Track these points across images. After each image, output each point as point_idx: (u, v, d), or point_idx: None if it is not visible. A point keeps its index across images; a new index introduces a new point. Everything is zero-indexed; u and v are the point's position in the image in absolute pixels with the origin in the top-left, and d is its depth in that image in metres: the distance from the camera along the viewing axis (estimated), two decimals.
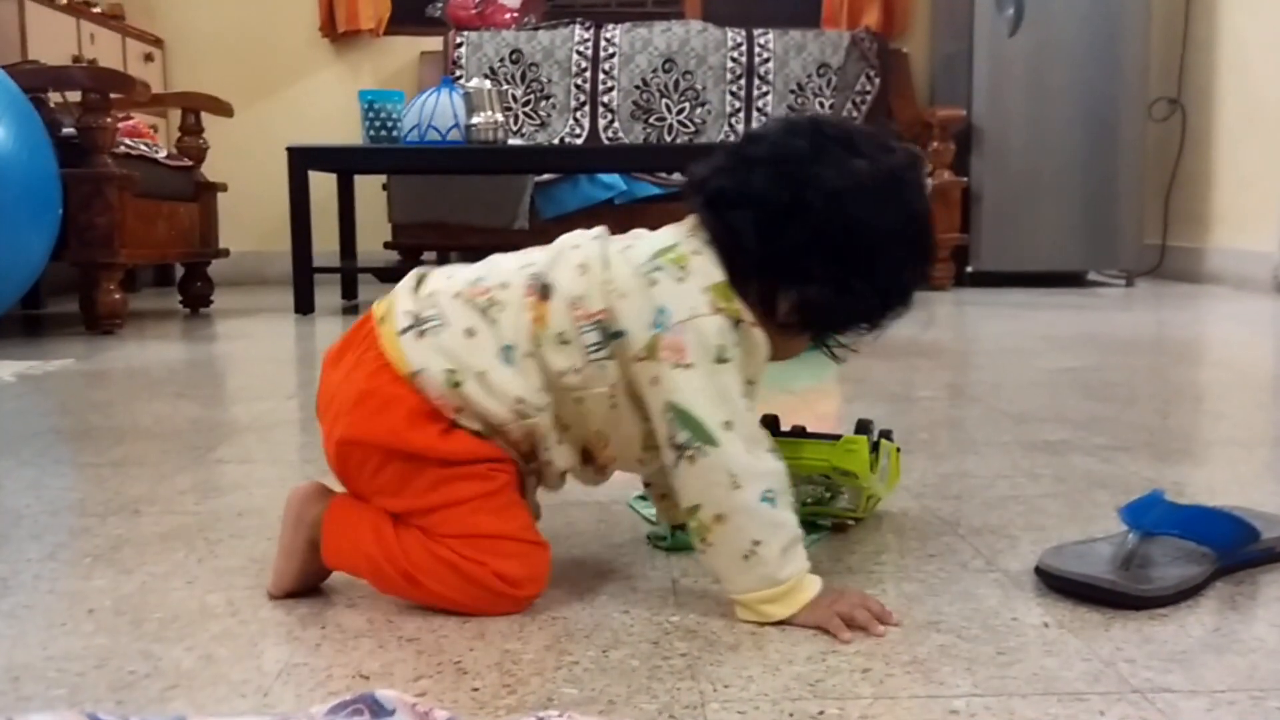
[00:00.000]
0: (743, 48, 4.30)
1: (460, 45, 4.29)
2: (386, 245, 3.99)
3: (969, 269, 4.03)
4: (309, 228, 3.16)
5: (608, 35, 4.32)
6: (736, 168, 0.87)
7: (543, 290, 0.85)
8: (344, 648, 0.79)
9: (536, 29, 4.35)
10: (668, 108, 4.28)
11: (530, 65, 4.27)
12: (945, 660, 0.76)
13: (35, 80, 2.74)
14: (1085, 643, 0.78)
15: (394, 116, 3.18)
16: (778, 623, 0.82)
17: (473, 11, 4.37)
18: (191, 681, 0.74)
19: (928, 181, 3.87)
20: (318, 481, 0.92)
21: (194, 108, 3.49)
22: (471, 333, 0.85)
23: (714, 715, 0.68)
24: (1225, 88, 3.98)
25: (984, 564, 0.96)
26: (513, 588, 0.84)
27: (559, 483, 0.93)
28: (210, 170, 3.51)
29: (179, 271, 3.47)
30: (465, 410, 0.84)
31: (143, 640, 0.81)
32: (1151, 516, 0.90)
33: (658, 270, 0.84)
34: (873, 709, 0.69)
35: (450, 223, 3.85)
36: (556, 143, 4.15)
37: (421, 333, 0.85)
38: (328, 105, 4.37)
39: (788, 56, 4.29)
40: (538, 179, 3.78)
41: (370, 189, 3.95)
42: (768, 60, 4.29)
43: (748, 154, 0.87)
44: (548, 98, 4.27)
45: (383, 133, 3.18)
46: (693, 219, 0.89)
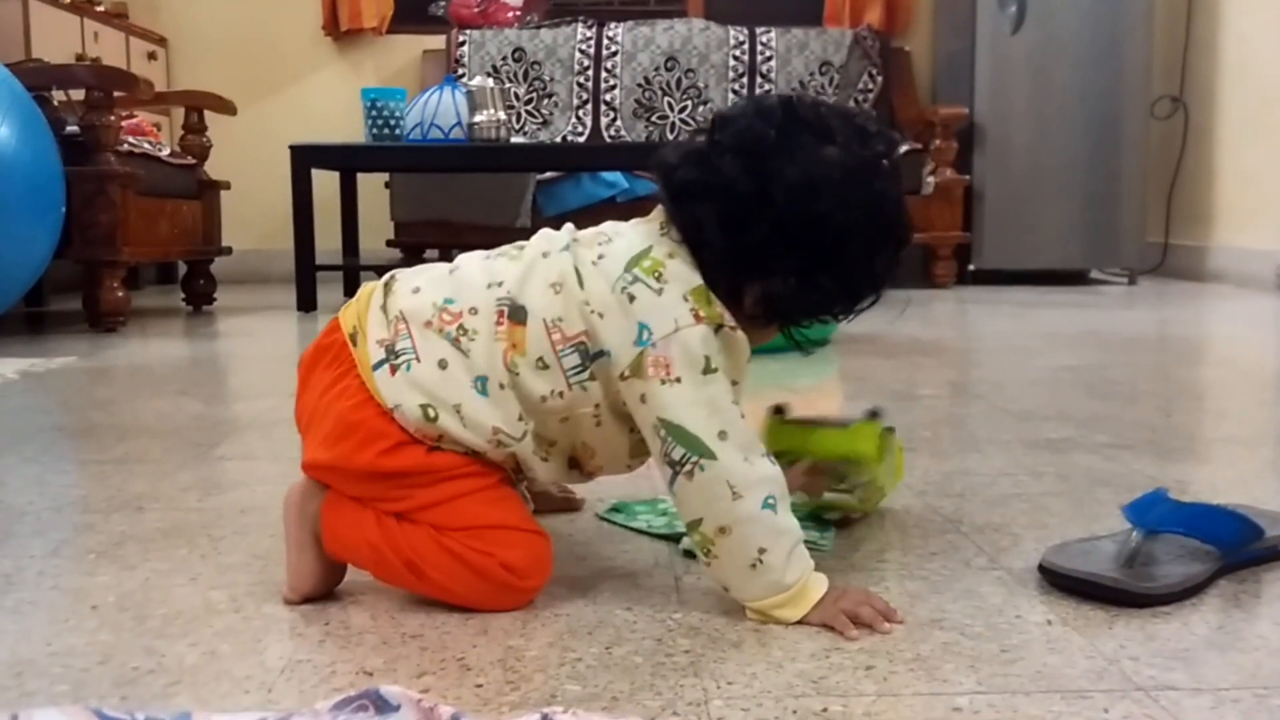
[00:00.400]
0: (745, 46, 4.30)
1: (463, 44, 4.29)
2: (389, 243, 3.99)
3: (971, 267, 4.03)
4: (311, 226, 3.17)
5: (610, 33, 4.32)
6: (703, 156, 0.84)
7: (515, 314, 0.84)
8: (347, 644, 0.79)
9: (539, 27, 4.35)
10: (670, 106, 4.28)
11: (533, 63, 4.27)
12: (948, 658, 0.76)
13: (39, 78, 2.74)
14: (1089, 640, 0.78)
15: (396, 115, 3.18)
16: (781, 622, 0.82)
17: (475, 10, 4.37)
18: (195, 677, 0.74)
19: (924, 171, 3.89)
20: None
21: (197, 106, 3.49)
22: (444, 364, 0.83)
23: (717, 712, 0.68)
24: (1228, 86, 3.98)
25: (987, 562, 0.96)
26: (519, 578, 0.84)
27: (544, 485, 0.93)
28: (213, 168, 3.52)
29: (182, 269, 3.48)
30: (445, 439, 0.84)
31: (146, 636, 0.81)
32: (1155, 514, 0.90)
33: (635, 283, 0.82)
34: (876, 706, 0.69)
35: (452, 221, 3.86)
36: (559, 141, 4.15)
37: (394, 368, 0.84)
38: (330, 103, 4.37)
39: (790, 55, 4.28)
40: (540, 177, 3.78)
41: (372, 187, 3.95)
42: (770, 58, 4.29)
43: (715, 141, 0.84)
44: (550, 96, 4.27)
45: (385, 131, 3.18)
46: (662, 212, 0.87)
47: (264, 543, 1.02)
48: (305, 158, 3.16)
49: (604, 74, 4.28)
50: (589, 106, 4.26)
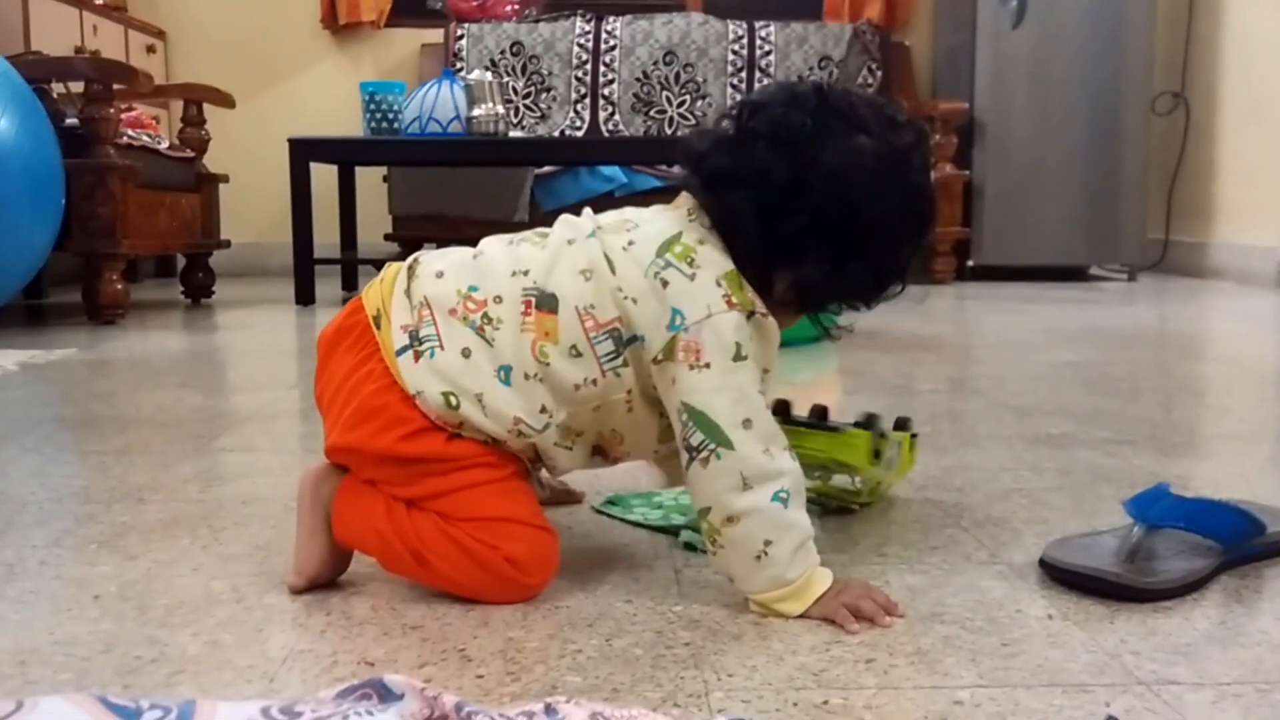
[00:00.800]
0: (744, 40, 4.30)
1: (461, 37, 4.28)
2: (387, 237, 3.99)
3: (970, 263, 4.03)
4: (310, 219, 3.16)
5: (608, 28, 4.31)
6: (736, 143, 0.84)
7: (544, 302, 0.83)
8: (349, 634, 0.79)
9: (537, 21, 4.34)
10: (668, 100, 4.27)
11: (531, 57, 4.27)
12: (949, 651, 0.76)
13: (38, 71, 2.73)
14: (1089, 635, 0.79)
15: (395, 108, 3.17)
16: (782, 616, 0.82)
17: (474, 4, 4.36)
18: (197, 667, 0.74)
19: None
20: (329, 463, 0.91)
21: (196, 99, 3.49)
22: (467, 353, 0.83)
23: (718, 704, 0.68)
24: (1229, 82, 3.98)
25: (987, 556, 0.96)
26: (522, 573, 0.84)
27: (565, 472, 0.93)
28: (212, 161, 3.51)
29: (180, 262, 3.47)
30: (466, 426, 0.84)
31: (148, 626, 0.81)
32: (1156, 509, 0.90)
33: (668, 268, 0.82)
34: (877, 699, 0.69)
35: (450, 215, 3.85)
36: (557, 135, 4.14)
37: (418, 354, 0.84)
38: (329, 97, 4.36)
39: (789, 49, 4.28)
40: (538, 171, 3.78)
41: (371, 181, 3.94)
42: (769, 53, 4.28)
43: (748, 128, 0.84)
44: (548, 90, 4.26)
45: (384, 125, 3.18)
46: (689, 199, 0.87)
47: (265, 534, 1.03)
48: (304, 151, 3.16)
49: (602, 68, 4.27)
50: (587, 101, 4.25)
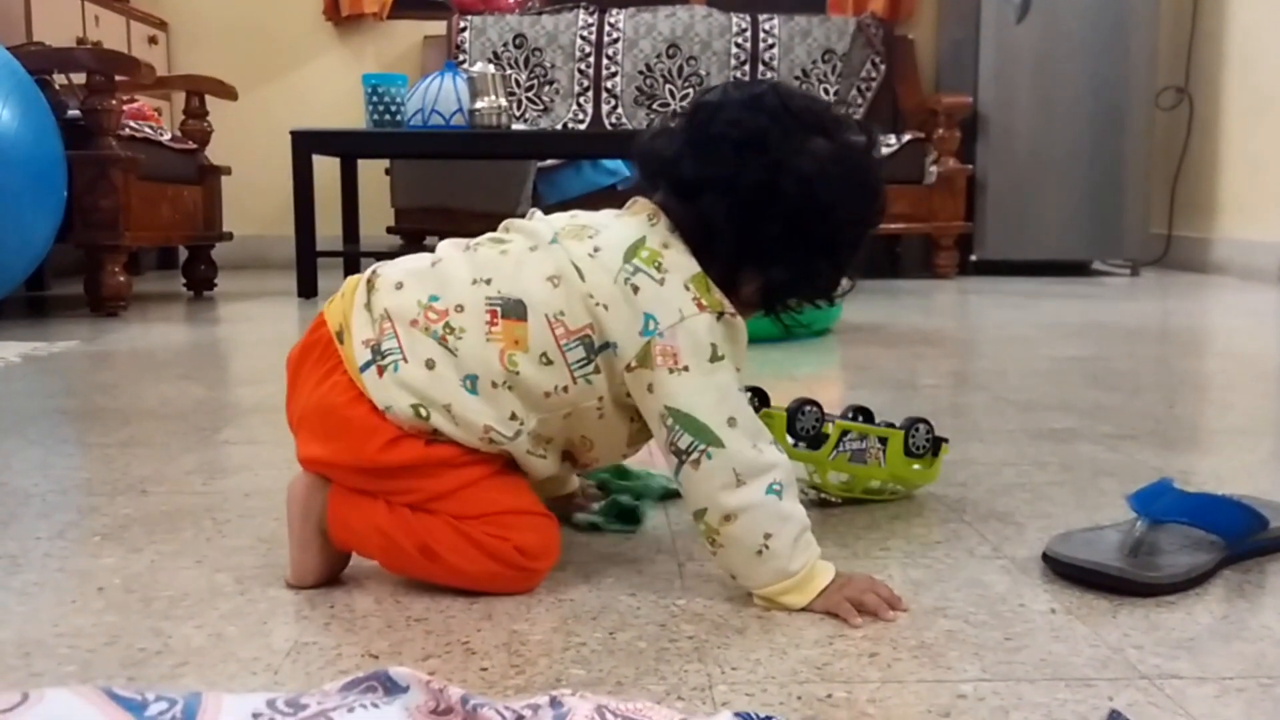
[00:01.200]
0: (747, 33, 4.29)
1: (464, 29, 4.28)
2: (389, 230, 3.99)
3: (973, 257, 4.03)
4: (312, 212, 3.16)
5: (611, 20, 4.30)
6: (702, 149, 0.84)
7: (512, 310, 0.82)
8: (352, 627, 0.79)
9: (540, 13, 4.34)
10: (671, 93, 4.26)
11: (534, 50, 4.26)
12: (952, 645, 0.76)
13: (40, 62, 2.73)
14: (1093, 629, 0.79)
15: (397, 101, 3.17)
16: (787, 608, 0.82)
17: None
18: (202, 659, 0.74)
19: (926, 161, 3.89)
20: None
21: (198, 91, 3.48)
22: (431, 364, 0.82)
23: (722, 697, 0.68)
24: (1233, 77, 3.97)
25: (991, 550, 0.96)
26: (531, 560, 0.84)
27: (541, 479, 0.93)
28: (214, 153, 3.51)
29: (183, 254, 3.47)
30: (439, 434, 0.83)
31: (152, 618, 0.81)
32: (1160, 504, 0.90)
33: (637, 273, 0.82)
34: (880, 693, 0.69)
35: (452, 208, 3.85)
36: (559, 128, 4.14)
37: (381, 369, 0.83)
38: (331, 89, 4.36)
39: (792, 42, 4.27)
40: (540, 164, 3.78)
41: (373, 173, 3.94)
42: (772, 46, 4.27)
43: (713, 133, 0.84)
44: (551, 83, 4.26)
45: (386, 117, 3.17)
46: (647, 204, 0.87)
47: (268, 526, 1.03)
48: (306, 143, 3.16)
49: (605, 61, 4.26)
50: (590, 93, 4.25)
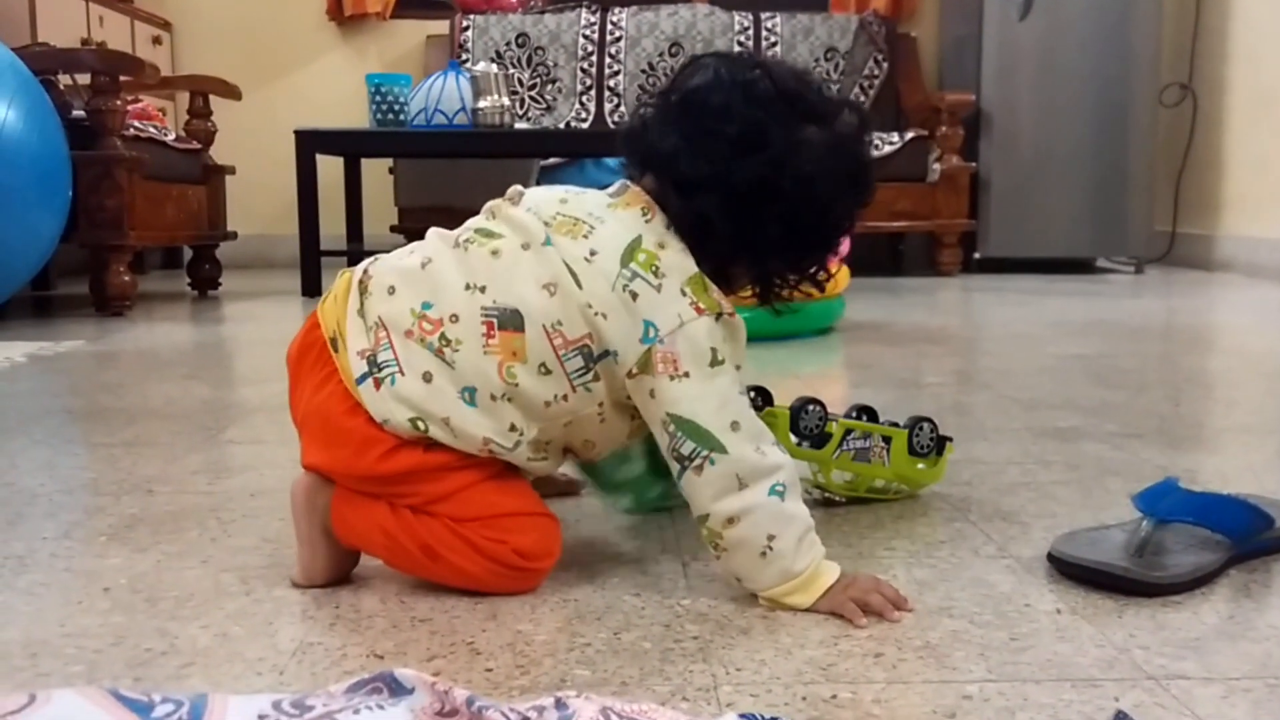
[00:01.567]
0: (750, 31, 4.28)
1: (466, 29, 4.28)
2: (393, 228, 3.99)
3: (977, 255, 4.02)
4: (316, 211, 3.16)
5: (614, 19, 4.30)
6: (698, 145, 0.82)
7: (509, 321, 0.81)
8: (358, 627, 0.79)
9: (543, 12, 4.34)
10: None
11: (536, 49, 4.26)
12: (958, 645, 0.76)
13: (45, 63, 2.73)
14: (1098, 629, 0.78)
15: (401, 100, 3.17)
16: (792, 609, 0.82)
17: None
18: (207, 659, 0.74)
19: (929, 158, 3.88)
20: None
21: (202, 90, 3.49)
22: (428, 378, 0.81)
23: (726, 698, 0.68)
24: (1237, 74, 3.96)
25: (995, 550, 0.96)
26: (531, 562, 0.84)
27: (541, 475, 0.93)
28: (218, 153, 3.51)
29: (187, 254, 3.48)
30: (438, 444, 0.83)
31: (158, 618, 0.81)
32: (1165, 503, 0.90)
33: (634, 279, 0.81)
34: (885, 694, 0.69)
35: (456, 206, 3.83)
36: (562, 127, 4.14)
37: (378, 381, 0.82)
38: (335, 89, 4.36)
39: (795, 40, 4.26)
40: (543, 163, 3.78)
41: (377, 172, 3.94)
42: (775, 44, 4.27)
43: (708, 128, 0.83)
44: (554, 81, 4.26)
45: (389, 116, 3.18)
46: (641, 192, 0.85)
47: (273, 526, 1.03)
48: (310, 143, 3.16)
49: (608, 59, 4.26)
50: (593, 92, 4.25)
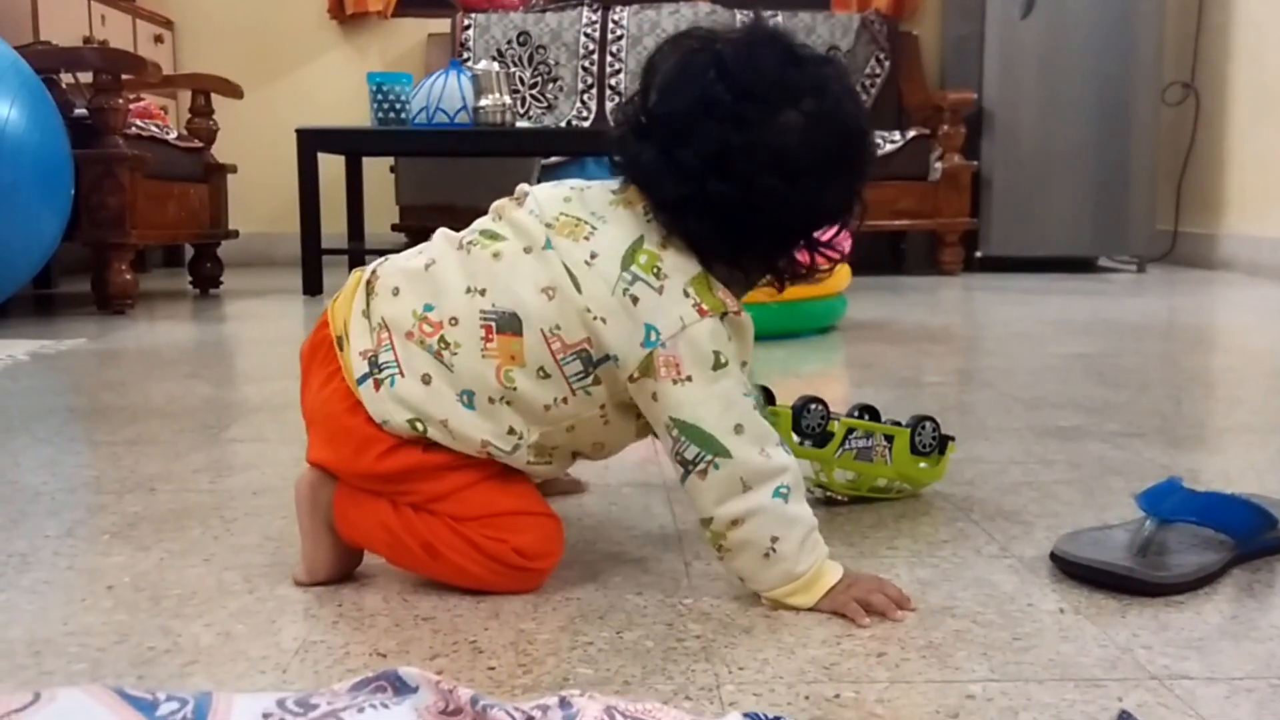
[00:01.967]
0: None
1: (468, 27, 4.28)
2: (394, 227, 3.99)
3: (978, 254, 4.02)
4: (318, 209, 3.16)
5: (615, 17, 4.30)
6: (674, 168, 0.80)
7: (507, 325, 0.81)
8: (360, 626, 0.79)
9: (544, 11, 4.33)
10: None
11: (538, 47, 4.26)
12: (961, 645, 0.76)
13: (47, 61, 2.73)
14: (1101, 629, 0.78)
15: (402, 99, 3.17)
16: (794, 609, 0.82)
17: None
18: (211, 658, 0.74)
19: (931, 157, 3.87)
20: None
21: (204, 89, 3.49)
22: (427, 380, 0.82)
23: (729, 697, 0.68)
24: (1239, 73, 3.95)
25: (998, 550, 0.96)
26: (531, 561, 0.84)
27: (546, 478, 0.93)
28: (220, 152, 3.51)
29: (189, 252, 3.48)
30: (438, 443, 0.83)
31: (161, 616, 0.81)
32: (1168, 503, 0.90)
33: (635, 283, 0.80)
34: (888, 693, 0.69)
35: (457, 205, 3.84)
36: (564, 125, 4.14)
37: (378, 382, 0.82)
38: (336, 87, 4.36)
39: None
40: (545, 161, 3.78)
41: (378, 171, 3.94)
42: None
43: (678, 156, 0.79)
44: (555, 80, 4.25)
45: (391, 115, 3.17)
46: (640, 195, 0.83)
47: (276, 524, 1.03)
48: (311, 141, 3.16)
49: (609, 58, 4.26)
50: (594, 91, 4.24)
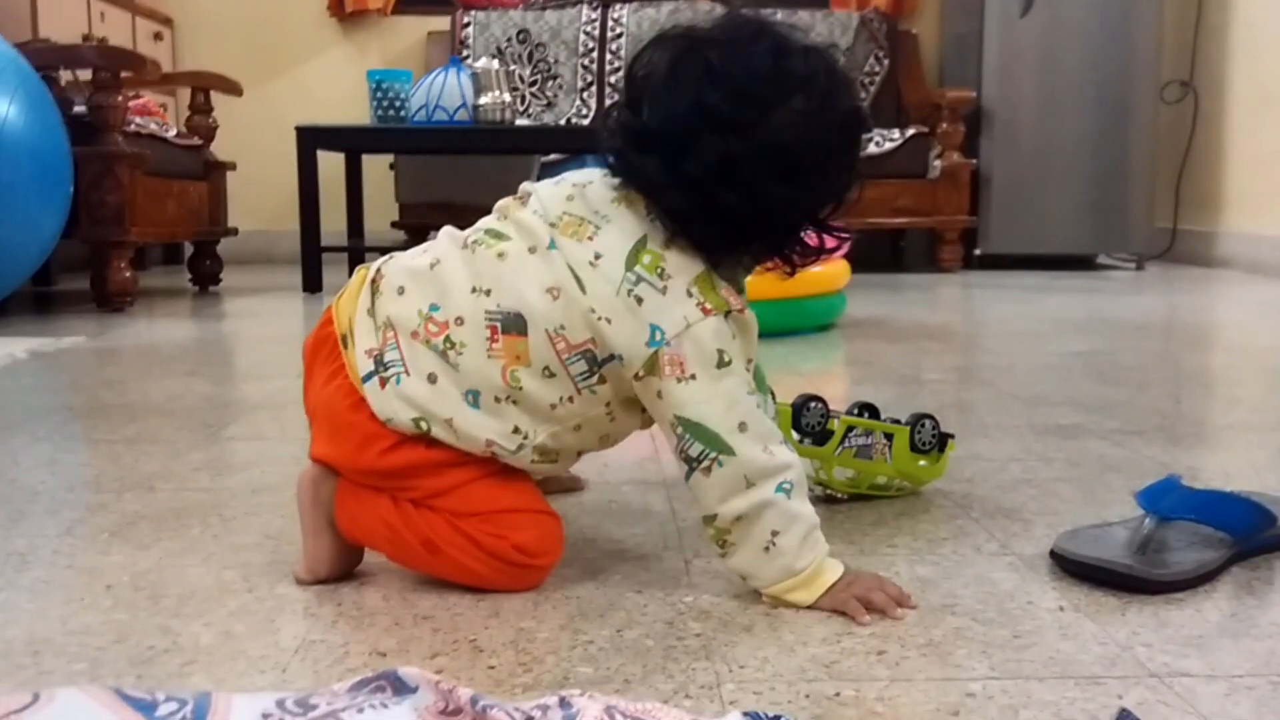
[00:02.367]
0: None
1: (468, 25, 4.27)
2: (394, 225, 3.99)
3: (978, 251, 4.02)
4: (317, 207, 3.16)
5: (615, 15, 4.30)
6: (679, 180, 0.80)
7: (513, 325, 0.81)
8: (360, 625, 0.79)
9: (544, 9, 4.33)
10: None
11: (537, 45, 4.25)
12: (961, 643, 0.76)
13: (47, 59, 2.73)
14: (1101, 627, 0.78)
15: (402, 96, 3.17)
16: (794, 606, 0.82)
17: None
18: (210, 657, 0.74)
19: (930, 155, 3.87)
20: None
21: (203, 86, 3.48)
22: (433, 379, 0.82)
23: (730, 695, 0.68)
24: (1238, 71, 3.95)
25: (998, 547, 0.96)
26: (531, 559, 0.84)
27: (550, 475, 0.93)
28: (219, 149, 3.51)
29: (188, 250, 3.48)
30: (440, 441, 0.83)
31: (161, 615, 0.81)
32: (1168, 501, 0.90)
33: (639, 283, 0.80)
34: (889, 691, 0.69)
35: (457, 202, 3.84)
36: (563, 123, 4.13)
37: (384, 380, 0.82)
38: (336, 85, 4.36)
39: None
40: (544, 159, 3.77)
41: (378, 169, 3.94)
42: None
43: (682, 170, 0.79)
44: (555, 78, 4.25)
45: (390, 113, 3.17)
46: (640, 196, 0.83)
47: (276, 523, 1.03)
48: (311, 139, 3.16)
49: (609, 56, 4.26)
50: (594, 89, 4.24)
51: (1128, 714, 0.64)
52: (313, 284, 3.18)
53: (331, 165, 3.42)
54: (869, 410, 1.12)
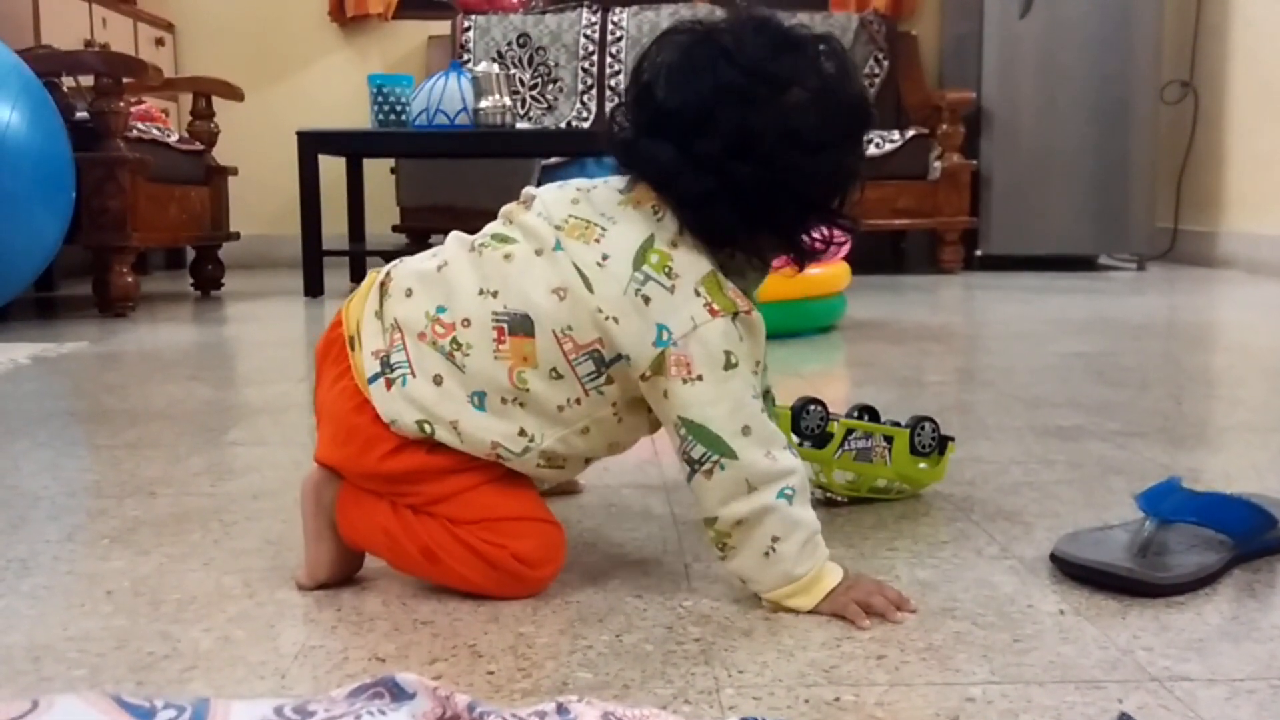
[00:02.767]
0: None
1: (468, 29, 4.28)
2: (395, 228, 3.99)
3: (978, 252, 4.01)
4: (319, 211, 3.17)
5: (615, 19, 4.30)
6: (694, 163, 0.80)
7: (519, 326, 0.81)
8: (360, 630, 0.79)
9: (544, 12, 4.33)
10: None
11: (538, 49, 4.26)
12: (961, 647, 0.76)
13: (49, 65, 2.74)
14: (1102, 630, 0.78)
15: (402, 100, 3.17)
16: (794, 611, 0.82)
17: None
18: (210, 663, 0.74)
19: (930, 156, 3.87)
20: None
21: (205, 92, 3.49)
22: (439, 380, 0.82)
23: (729, 700, 0.68)
24: (1238, 71, 3.95)
25: (998, 550, 0.96)
26: (531, 568, 0.84)
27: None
28: (221, 154, 3.51)
29: (190, 255, 3.48)
30: (442, 445, 0.83)
31: (161, 621, 0.81)
32: (1168, 503, 0.90)
33: (647, 283, 0.80)
34: (888, 696, 0.69)
35: (458, 206, 3.85)
36: (564, 126, 4.14)
37: (389, 381, 0.82)
38: (337, 89, 4.36)
39: None
40: (545, 162, 3.78)
41: (379, 172, 3.95)
42: None
43: (697, 151, 0.80)
44: (555, 81, 4.26)
45: (391, 117, 3.18)
46: (649, 191, 0.83)
47: (276, 528, 1.03)
48: (312, 143, 3.16)
49: (609, 59, 4.26)
50: (594, 92, 4.24)
51: (1128, 718, 0.63)
52: (314, 288, 3.19)
53: (332, 169, 3.43)
54: (869, 413, 1.12)
